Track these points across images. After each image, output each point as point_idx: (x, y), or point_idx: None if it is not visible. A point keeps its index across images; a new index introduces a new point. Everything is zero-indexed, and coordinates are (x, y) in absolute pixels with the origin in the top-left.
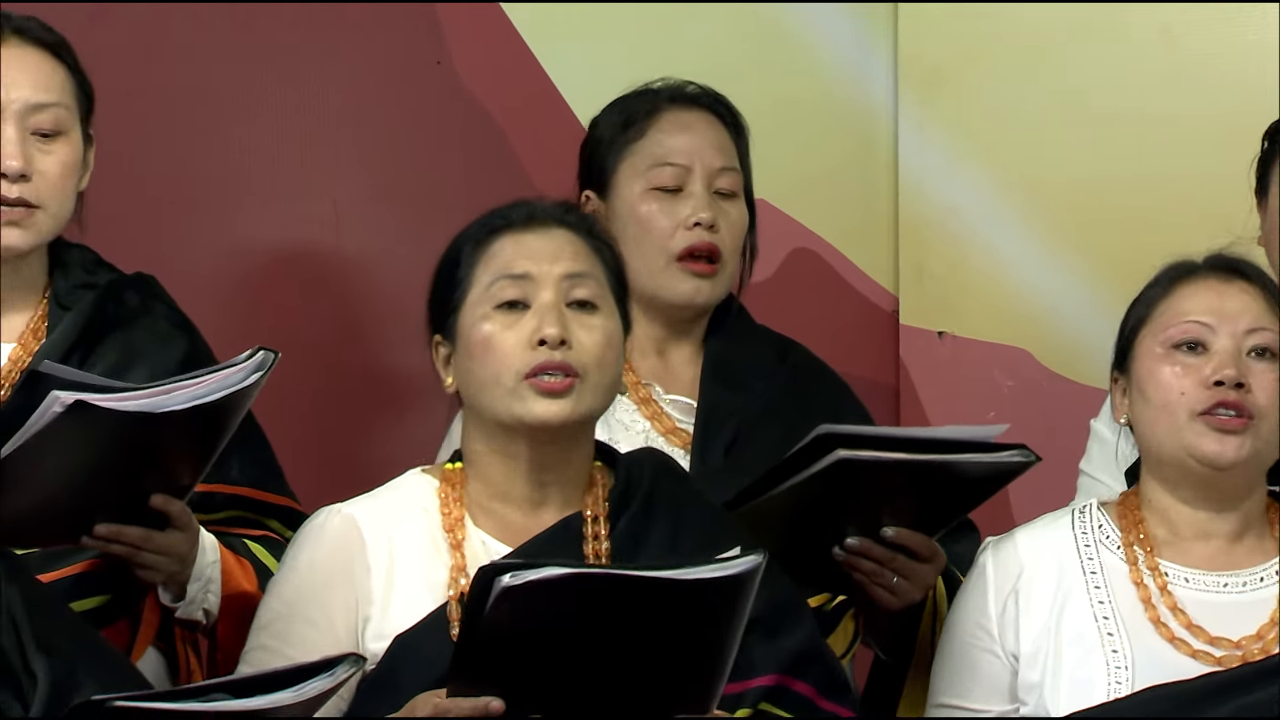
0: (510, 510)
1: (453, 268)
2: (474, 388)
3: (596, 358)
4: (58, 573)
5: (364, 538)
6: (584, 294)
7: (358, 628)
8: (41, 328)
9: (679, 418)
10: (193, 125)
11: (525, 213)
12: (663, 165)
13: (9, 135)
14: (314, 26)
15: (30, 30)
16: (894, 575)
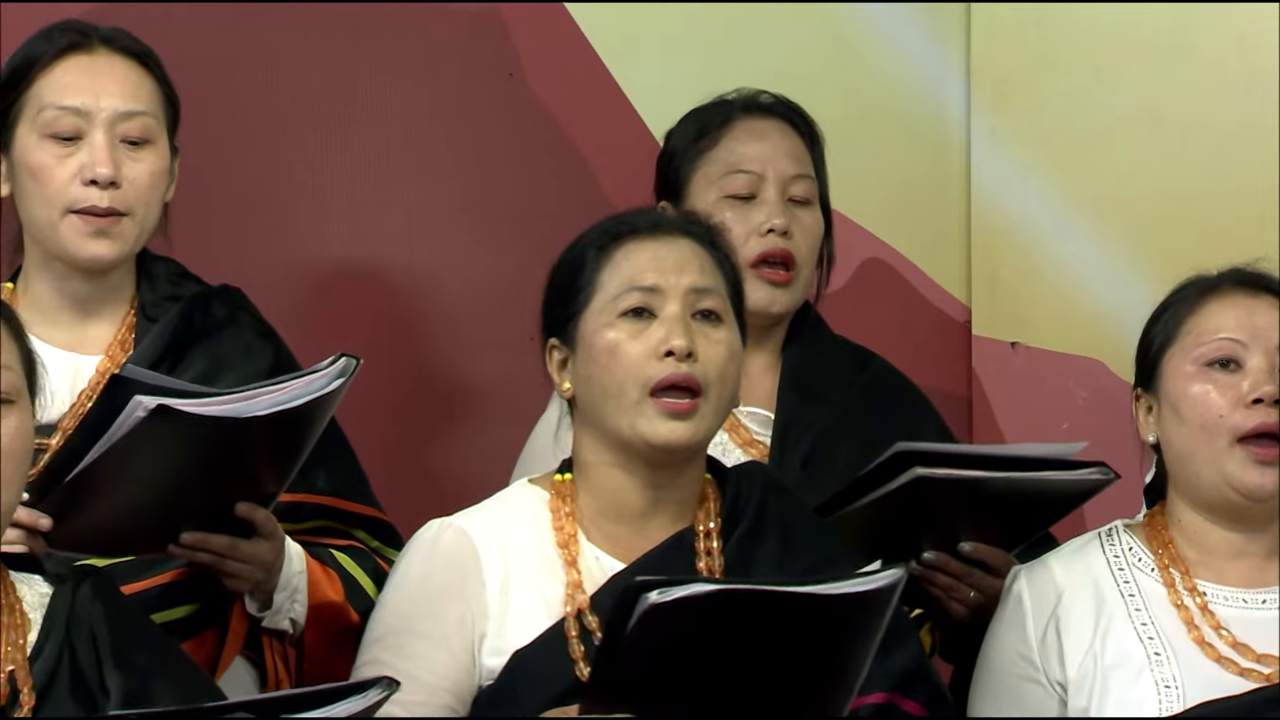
0: (621, 525)
1: (575, 272)
2: (595, 396)
3: (719, 370)
4: (145, 582)
5: (478, 552)
6: (709, 306)
7: (473, 643)
8: (129, 340)
9: (756, 430)
10: (266, 137)
11: (651, 220)
12: (736, 173)
13: (98, 143)
14: (387, 38)
15: (118, 40)
16: (970, 590)
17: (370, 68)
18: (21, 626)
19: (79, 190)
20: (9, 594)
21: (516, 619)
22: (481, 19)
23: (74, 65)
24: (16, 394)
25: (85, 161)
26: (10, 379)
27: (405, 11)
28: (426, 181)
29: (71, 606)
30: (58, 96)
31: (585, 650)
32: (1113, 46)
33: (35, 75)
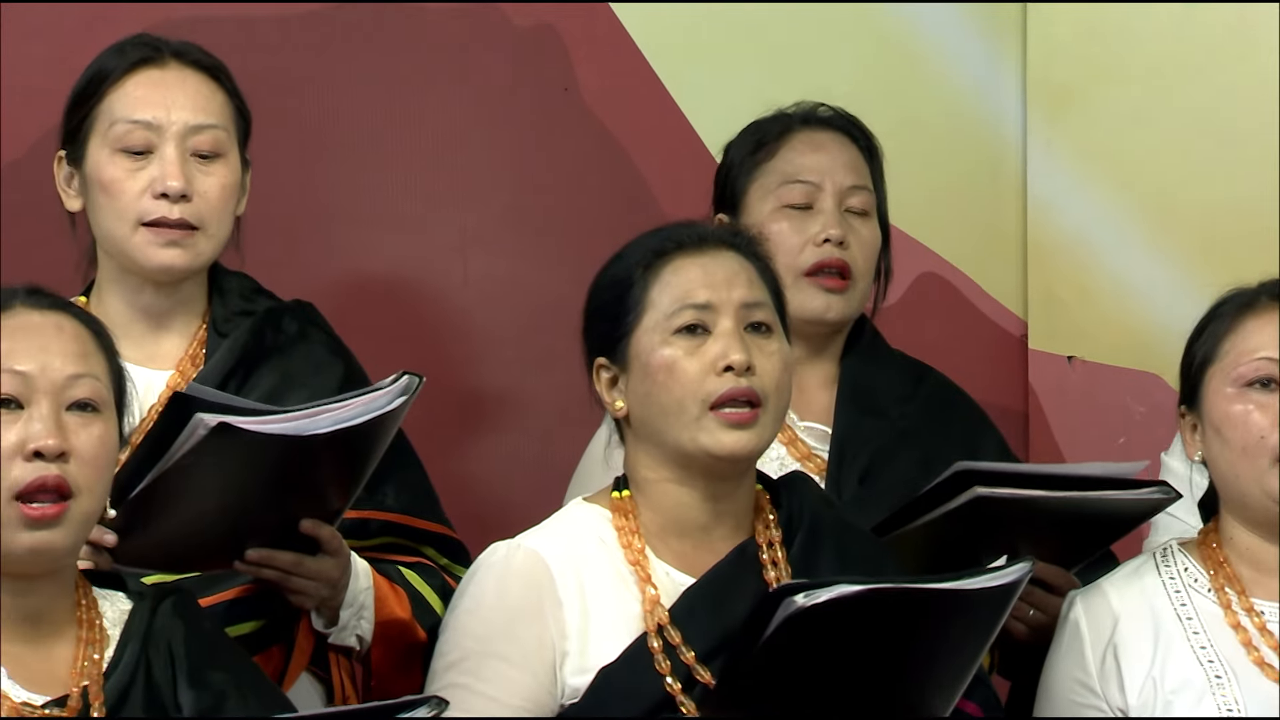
0: (685, 539)
1: (622, 291)
2: (654, 413)
3: (775, 381)
4: (212, 598)
5: (552, 572)
6: (760, 319)
7: (554, 663)
8: (200, 354)
9: (814, 445)
10: (324, 153)
11: (695, 235)
12: (793, 183)
13: (169, 156)
14: (443, 54)
15: (190, 53)
16: (1030, 608)
17: (428, 85)
18: (99, 642)
19: (150, 203)
20: (90, 610)
21: (597, 637)
22: (537, 35)
23: (145, 79)
24: (101, 403)
25: (156, 175)
26: (96, 387)
27: (462, 28)
28: (482, 197)
29: (150, 623)
30: (129, 110)
31: (671, 665)
32: (1170, 57)
33: (106, 89)
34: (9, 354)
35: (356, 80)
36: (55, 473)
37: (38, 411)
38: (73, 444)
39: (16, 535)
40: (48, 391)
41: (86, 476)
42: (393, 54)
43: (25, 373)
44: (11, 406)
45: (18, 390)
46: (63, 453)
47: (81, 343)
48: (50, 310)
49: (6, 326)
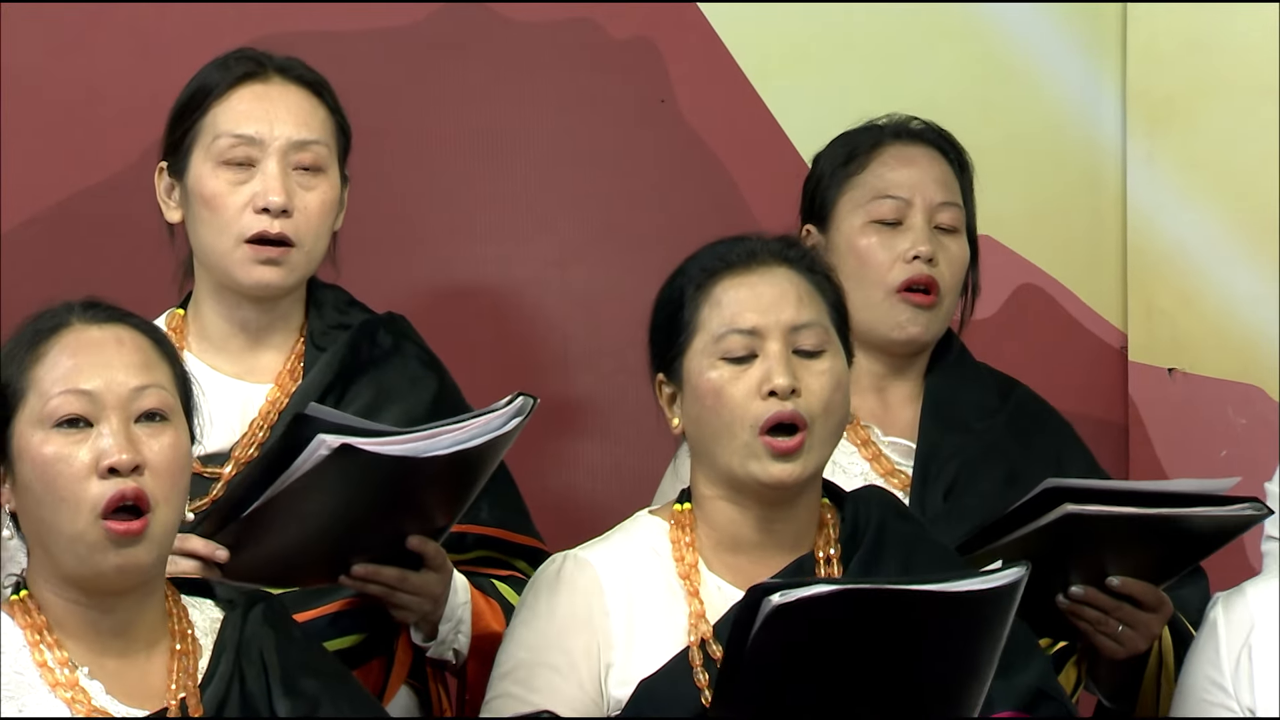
0: (739, 554)
1: (675, 310)
2: (705, 435)
3: (824, 403)
4: (315, 611)
5: (602, 583)
6: (809, 343)
7: (600, 673)
8: (298, 368)
9: (898, 460)
10: (420, 167)
11: (746, 252)
12: (883, 198)
13: (271, 171)
14: (539, 66)
15: (293, 69)
16: (1119, 624)
17: (525, 98)
18: (193, 652)
19: (251, 218)
20: (181, 619)
21: (641, 649)
22: (634, 47)
23: (249, 94)
24: (169, 411)
25: (258, 190)
26: (162, 396)
27: (559, 41)
28: (579, 209)
29: (242, 632)
30: (232, 124)
31: (710, 679)
32: (1271, 68)
33: (210, 103)
34: (72, 373)
35: (453, 95)
36: (133, 486)
37: (107, 428)
38: (145, 456)
39: (104, 555)
40: (115, 407)
41: (163, 487)
42: (489, 68)
43: (91, 391)
44: (80, 425)
45: (85, 409)
46: (137, 466)
47: (143, 353)
48: (108, 323)
49: (67, 344)
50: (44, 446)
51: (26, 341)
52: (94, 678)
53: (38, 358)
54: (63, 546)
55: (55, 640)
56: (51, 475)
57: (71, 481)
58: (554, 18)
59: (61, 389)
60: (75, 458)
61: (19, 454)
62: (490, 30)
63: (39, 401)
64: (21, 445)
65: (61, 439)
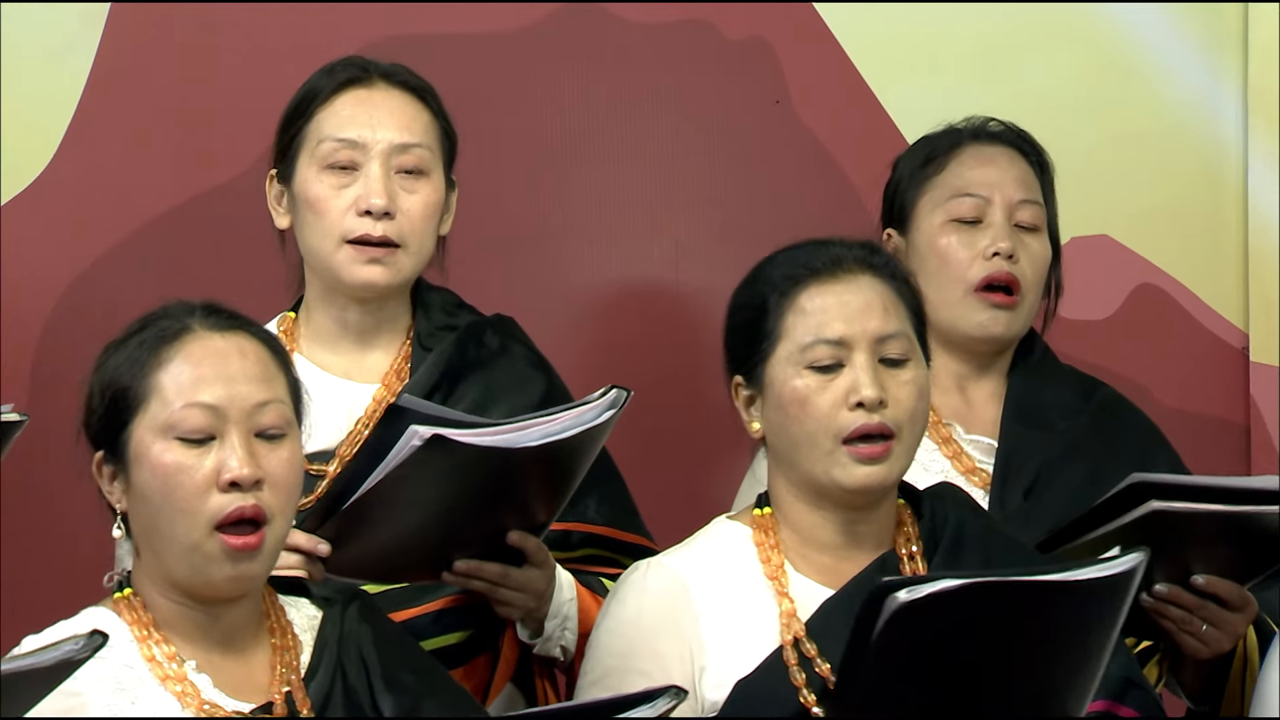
0: (823, 553)
1: (757, 316)
2: (787, 442)
3: (909, 413)
4: (420, 608)
5: (688, 588)
6: (895, 352)
7: (694, 676)
8: (404, 369)
9: (979, 458)
10: (535, 168)
11: (830, 259)
12: (962, 196)
13: (374, 174)
14: (654, 68)
15: (397, 74)
16: (1203, 623)
17: (639, 98)
18: (293, 648)
19: (354, 220)
20: (280, 617)
21: (734, 651)
22: (750, 48)
23: (352, 99)
24: (286, 425)
25: (360, 193)
26: (282, 411)
27: (674, 43)
28: (694, 210)
29: (341, 628)
30: (336, 129)
31: (806, 677)
32: None
33: (315, 109)
34: (197, 384)
35: (568, 97)
36: (252, 502)
37: (230, 442)
38: (264, 471)
39: (219, 567)
40: (237, 421)
41: (279, 501)
42: (605, 70)
43: (215, 405)
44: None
45: (209, 423)
46: (257, 480)
47: (263, 364)
48: (230, 331)
49: (191, 353)
50: (165, 455)
51: (148, 345)
52: (201, 671)
53: (160, 363)
54: (176, 554)
55: (162, 636)
56: (172, 485)
57: (192, 493)
58: (669, 19)
59: (186, 401)
60: (197, 470)
61: (136, 458)
62: (605, 32)
63: (161, 409)
64: (140, 451)
65: (183, 449)
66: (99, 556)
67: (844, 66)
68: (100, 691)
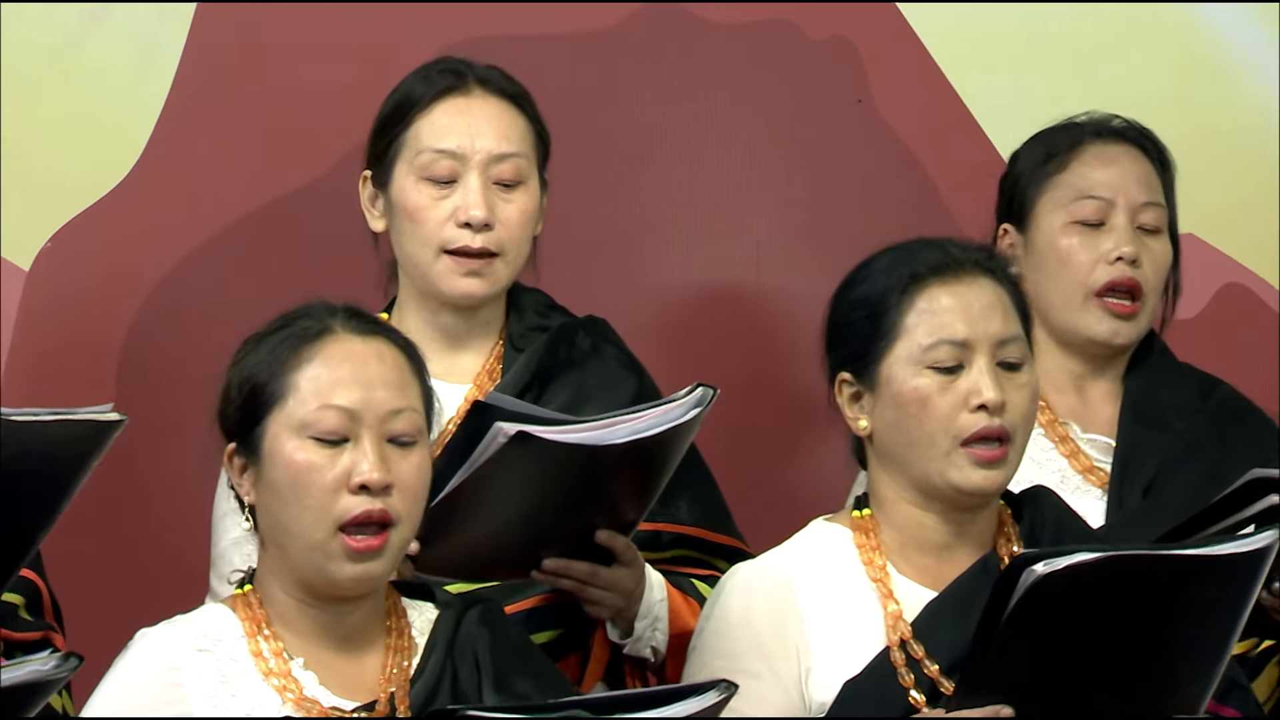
0: (925, 554)
1: (875, 312)
2: (901, 442)
3: (1025, 416)
4: (512, 607)
5: (793, 589)
6: (1014, 356)
7: (801, 677)
8: (496, 369)
9: (1097, 457)
10: (615, 168)
11: (951, 260)
12: (1085, 199)
13: (473, 186)
14: (737, 68)
15: (494, 80)
16: None
17: (721, 98)
18: (408, 650)
19: (453, 231)
20: (399, 618)
21: (839, 652)
22: (831, 47)
23: (450, 107)
24: (418, 433)
25: (459, 204)
26: (415, 419)
27: (757, 42)
28: (775, 210)
29: (455, 630)
30: (435, 139)
31: (915, 678)
32: None
33: (413, 116)
34: (335, 386)
35: (650, 97)
36: (380, 506)
37: (362, 446)
38: (395, 476)
39: (340, 566)
40: (372, 425)
41: (406, 506)
42: (687, 70)
43: (351, 408)
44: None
45: (343, 426)
46: (387, 485)
47: (400, 372)
48: (370, 336)
49: (330, 354)
50: (298, 453)
51: (289, 343)
52: (307, 669)
53: (300, 362)
54: (300, 551)
55: (274, 633)
56: (304, 484)
57: (322, 493)
58: (752, 19)
59: (323, 402)
60: (328, 470)
61: (269, 454)
62: (688, 32)
63: (298, 408)
64: (274, 446)
65: (316, 449)
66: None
67: (927, 65)
68: (203, 683)
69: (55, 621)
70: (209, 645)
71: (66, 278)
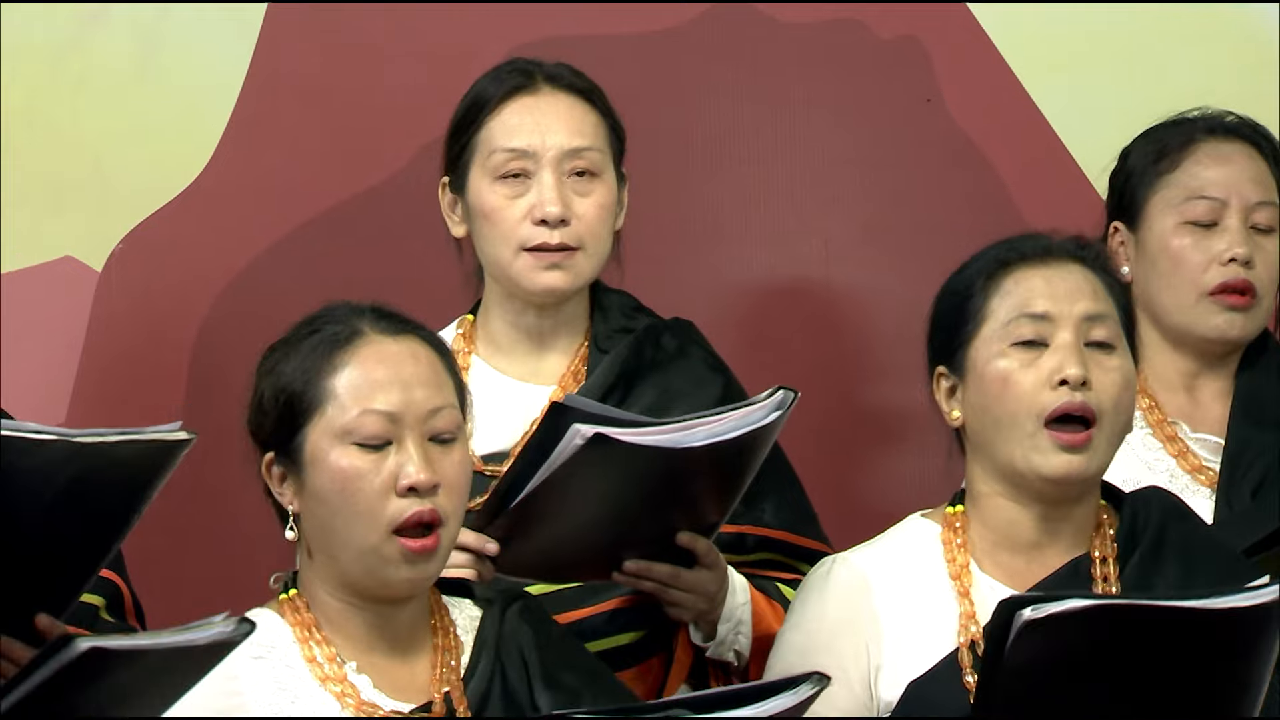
0: (1016, 555)
1: (962, 300)
2: (987, 426)
3: (1114, 400)
4: (593, 608)
5: (870, 586)
6: (1102, 335)
7: (870, 675)
8: (581, 370)
9: (1206, 457)
10: (684, 166)
11: (1040, 246)
12: (1197, 199)
13: (547, 182)
14: (805, 67)
15: (563, 77)
16: None
17: (790, 97)
18: (455, 649)
19: (530, 229)
20: (443, 617)
21: (911, 650)
22: (901, 47)
23: (520, 106)
24: (457, 429)
25: (534, 201)
26: (453, 416)
27: (826, 42)
28: (844, 208)
29: (500, 628)
30: (505, 139)
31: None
32: None
33: (483, 118)
34: (373, 390)
35: (719, 97)
36: (429, 507)
37: (406, 448)
38: (439, 474)
39: (397, 569)
40: (413, 427)
41: (452, 503)
42: (756, 69)
43: (392, 412)
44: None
45: (386, 430)
46: (434, 485)
47: (435, 369)
48: (401, 335)
49: (365, 357)
50: (342, 460)
51: (321, 350)
52: (361, 673)
53: (334, 369)
54: (352, 556)
55: (324, 637)
56: (351, 490)
57: (370, 498)
58: (821, 18)
59: (363, 408)
60: (375, 475)
61: (311, 462)
62: (757, 31)
63: (338, 415)
64: (316, 455)
65: (360, 454)
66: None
67: (997, 64)
68: (261, 690)
69: (137, 622)
70: (263, 652)
71: (138, 279)
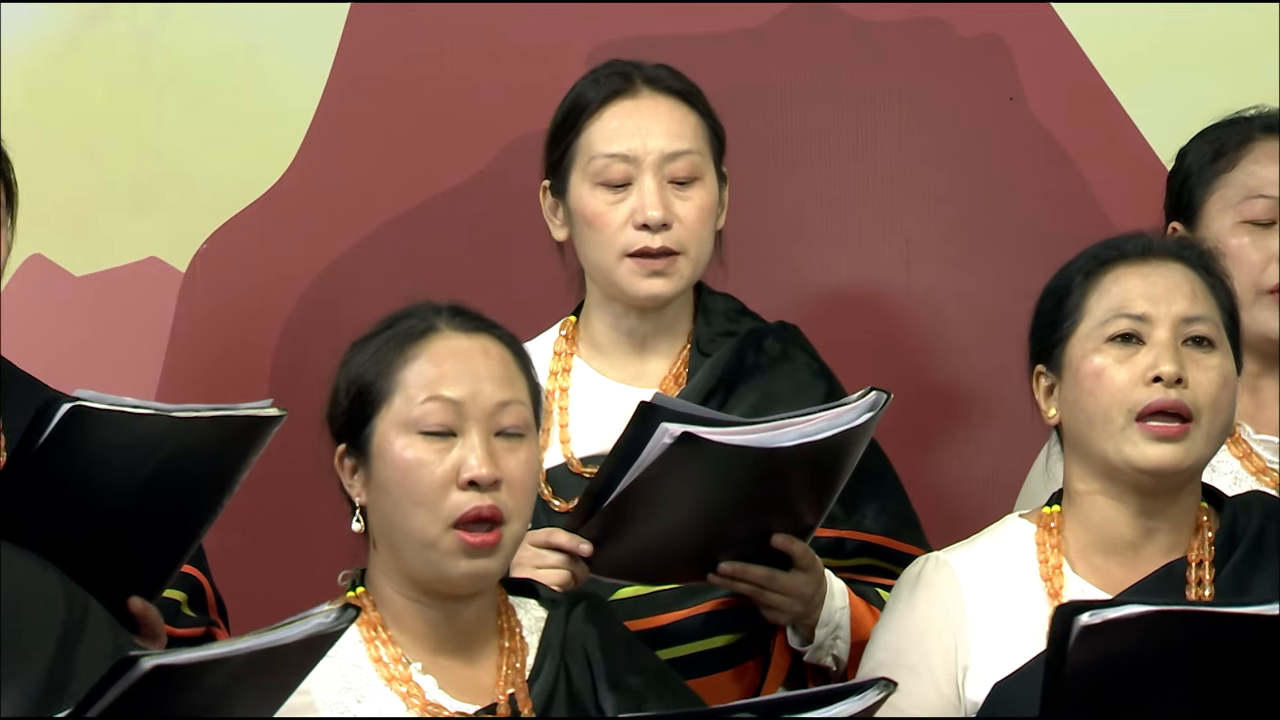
0: (1111, 557)
1: (1061, 298)
2: (1081, 422)
3: (1211, 398)
4: (689, 610)
5: (961, 586)
6: (1200, 333)
7: (957, 676)
8: (683, 373)
9: (1270, 458)
10: (765, 166)
11: (1141, 245)
12: (1255, 197)
13: (648, 186)
14: (888, 66)
15: (661, 80)
16: None
17: (872, 96)
18: (520, 650)
19: (632, 234)
20: (509, 618)
21: (1000, 651)
22: (983, 45)
23: (620, 111)
24: (525, 427)
25: (636, 206)
26: (522, 413)
27: (908, 40)
28: (925, 208)
29: (565, 629)
30: (606, 144)
31: None
32: None
33: (584, 123)
34: (440, 380)
35: (800, 96)
36: (490, 502)
37: (470, 441)
38: (503, 471)
39: (455, 563)
40: (478, 419)
41: (517, 502)
42: (837, 68)
43: (457, 401)
44: (444, 434)
45: (450, 420)
46: (496, 480)
47: (506, 366)
48: (475, 333)
49: (436, 351)
50: (406, 451)
51: (394, 343)
52: (426, 673)
53: (405, 361)
54: (413, 549)
55: (390, 636)
56: (413, 480)
57: (431, 489)
58: (903, 17)
59: (428, 396)
60: (437, 465)
61: (378, 453)
62: (839, 30)
63: (405, 405)
64: (383, 446)
65: (424, 445)
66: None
67: (1080, 63)
68: (328, 690)
69: (219, 617)
70: (331, 651)
71: (222, 279)
